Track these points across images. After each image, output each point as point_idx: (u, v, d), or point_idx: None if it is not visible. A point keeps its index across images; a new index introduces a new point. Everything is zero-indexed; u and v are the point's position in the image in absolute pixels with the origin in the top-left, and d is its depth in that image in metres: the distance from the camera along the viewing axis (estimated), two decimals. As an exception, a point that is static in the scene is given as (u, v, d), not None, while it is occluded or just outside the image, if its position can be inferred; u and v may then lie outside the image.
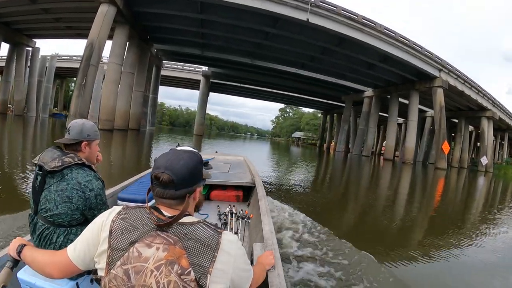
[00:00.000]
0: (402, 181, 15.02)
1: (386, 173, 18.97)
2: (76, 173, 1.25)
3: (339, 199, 7.91)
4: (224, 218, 2.52)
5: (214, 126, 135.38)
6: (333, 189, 9.80)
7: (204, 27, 22.04)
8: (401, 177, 17.10)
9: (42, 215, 1.23)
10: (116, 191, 2.46)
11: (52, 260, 0.87)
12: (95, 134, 1.39)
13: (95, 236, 0.79)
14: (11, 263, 1.00)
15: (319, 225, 3.95)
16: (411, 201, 8.64)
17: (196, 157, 0.84)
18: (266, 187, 4.25)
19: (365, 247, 3.32)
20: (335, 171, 16.95)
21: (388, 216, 6.36)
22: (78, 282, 1.19)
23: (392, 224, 5.62)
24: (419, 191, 11.74)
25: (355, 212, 6.61)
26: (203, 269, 0.71)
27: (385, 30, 22.66)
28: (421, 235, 5.17)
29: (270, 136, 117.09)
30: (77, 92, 16.56)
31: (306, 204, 5.97)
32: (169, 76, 41.46)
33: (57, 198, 1.21)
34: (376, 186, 11.59)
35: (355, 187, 10.75)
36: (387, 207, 7.33)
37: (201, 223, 0.78)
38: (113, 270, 0.71)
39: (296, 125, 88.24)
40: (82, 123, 1.36)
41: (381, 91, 33.48)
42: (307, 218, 4.23)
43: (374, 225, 5.43)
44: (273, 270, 1.27)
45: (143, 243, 0.71)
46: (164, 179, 0.76)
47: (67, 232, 1.23)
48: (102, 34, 17.39)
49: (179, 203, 0.79)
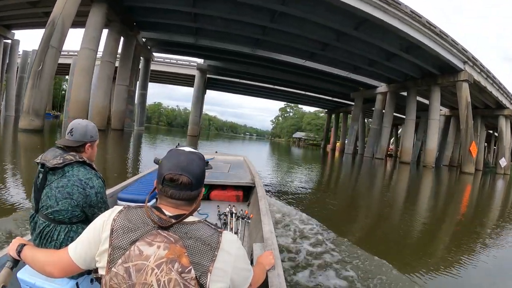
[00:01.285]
0: (440, 191, 12.51)
1: (411, 180, 15.87)
2: (77, 170, 1.26)
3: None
4: (224, 218, 2.50)
5: (212, 126, 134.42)
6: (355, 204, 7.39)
7: (197, 6, 18.40)
8: (434, 185, 14.53)
9: (43, 212, 1.24)
10: (116, 191, 2.46)
11: (53, 259, 0.87)
12: (97, 135, 1.41)
13: (96, 235, 0.79)
14: (11, 263, 1.00)
15: (329, 231, 3.82)
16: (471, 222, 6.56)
17: (203, 158, 0.86)
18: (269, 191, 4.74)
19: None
20: (353, 178, 13.77)
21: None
22: (78, 282, 1.19)
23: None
24: (473, 206, 9.24)
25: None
26: (204, 267, 0.71)
27: (412, 13, 19.15)
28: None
29: (269, 136, 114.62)
30: (32, 82, 12.88)
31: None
32: (161, 72, 37.86)
33: (57, 194, 1.22)
34: (413, 200, 8.95)
35: (387, 201, 8.29)
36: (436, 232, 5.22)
37: (201, 222, 0.78)
38: (114, 269, 0.71)
39: (297, 125, 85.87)
40: (85, 125, 1.36)
41: (397, 87, 30.03)
42: (307, 217, 4.28)
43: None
44: (273, 270, 1.27)
45: (144, 241, 0.72)
46: (184, 181, 0.77)
47: (68, 230, 1.24)
48: (68, 10, 13.78)
49: (188, 203, 0.81)
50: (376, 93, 32.64)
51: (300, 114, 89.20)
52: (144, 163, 8.85)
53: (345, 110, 47.56)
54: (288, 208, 4.73)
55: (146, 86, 30.01)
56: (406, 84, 29.07)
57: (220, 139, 41.76)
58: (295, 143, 74.97)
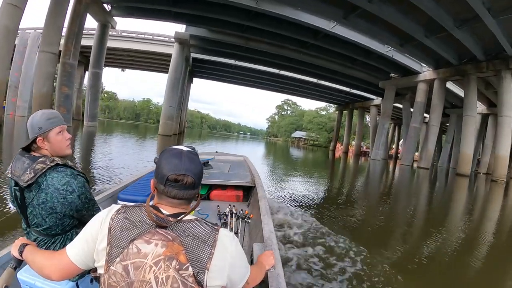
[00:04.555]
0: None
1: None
2: (51, 179, 1.15)
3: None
4: (224, 218, 2.48)
5: (205, 124, 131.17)
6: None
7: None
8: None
9: (35, 229, 1.20)
10: (116, 191, 2.43)
11: (51, 262, 0.86)
12: (49, 123, 1.20)
13: (94, 234, 0.79)
14: (14, 263, 0.98)
15: (330, 231, 3.78)
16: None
17: (199, 156, 0.86)
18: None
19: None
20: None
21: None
22: (78, 282, 1.18)
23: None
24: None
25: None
26: (201, 265, 0.72)
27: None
28: None
29: (265, 136, 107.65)
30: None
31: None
32: (130, 51, 28.99)
33: (42, 212, 1.16)
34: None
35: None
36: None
37: (198, 220, 0.79)
38: (112, 267, 0.72)
39: (296, 124, 79.83)
40: (32, 117, 1.20)
41: (449, 72, 22.02)
42: (308, 216, 4.24)
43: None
44: (273, 270, 1.26)
45: (142, 239, 0.72)
46: (189, 181, 0.78)
47: (63, 239, 1.21)
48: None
49: (189, 202, 0.83)
50: (418, 81, 24.49)
51: (300, 112, 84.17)
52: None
53: (361, 105, 39.41)
54: (288, 208, 4.72)
55: (101, 62, 20.88)
56: (462, 69, 21.08)
57: (209, 139, 33.34)
58: (294, 143, 69.14)
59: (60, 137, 1.22)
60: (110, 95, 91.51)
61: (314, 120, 68.48)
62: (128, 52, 29.72)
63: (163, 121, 22.73)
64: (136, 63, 35.36)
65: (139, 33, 27.95)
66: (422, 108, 24.36)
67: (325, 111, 74.25)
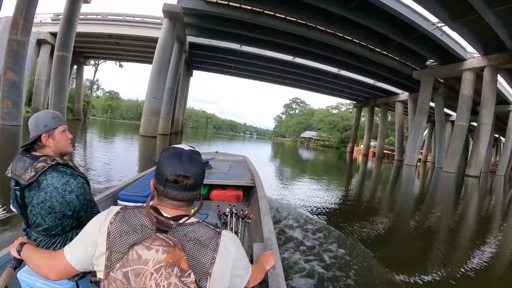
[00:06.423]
0: None
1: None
2: (51, 178, 1.14)
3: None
4: (224, 218, 2.45)
5: (211, 124, 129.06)
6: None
7: None
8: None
9: (35, 229, 1.18)
10: (116, 191, 2.39)
11: (49, 261, 0.85)
12: (55, 121, 1.20)
13: (92, 237, 0.76)
14: (14, 263, 0.97)
15: (331, 230, 3.72)
16: None
17: (200, 154, 0.83)
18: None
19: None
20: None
21: None
22: (78, 282, 1.18)
23: None
24: None
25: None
26: (203, 271, 0.70)
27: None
28: None
29: (272, 136, 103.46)
30: None
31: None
32: (119, 37, 24.92)
33: (41, 211, 1.14)
34: None
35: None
36: None
37: (199, 223, 0.77)
38: (112, 273, 0.70)
39: (305, 123, 75.44)
40: (35, 115, 1.21)
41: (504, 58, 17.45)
42: (308, 216, 4.16)
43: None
44: (273, 270, 1.25)
45: (142, 245, 0.70)
46: (189, 183, 0.75)
47: (63, 239, 1.19)
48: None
49: (190, 204, 0.80)
50: (464, 70, 19.84)
51: (309, 111, 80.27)
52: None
53: (385, 102, 34.68)
54: (289, 207, 4.67)
55: (70, 44, 16.75)
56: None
57: (213, 141, 29.19)
58: (303, 144, 65.10)
59: (62, 136, 1.22)
60: (112, 94, 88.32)
61: (326, 119, 63.83)
62: (116, 39, 25.69)
63: (145, 118, 17.78)
64: (127, 53, 31.20)
65: (126, 15, 23.87)
66: (470, 103, 19.71)
67: (336, 109, 69.86)
